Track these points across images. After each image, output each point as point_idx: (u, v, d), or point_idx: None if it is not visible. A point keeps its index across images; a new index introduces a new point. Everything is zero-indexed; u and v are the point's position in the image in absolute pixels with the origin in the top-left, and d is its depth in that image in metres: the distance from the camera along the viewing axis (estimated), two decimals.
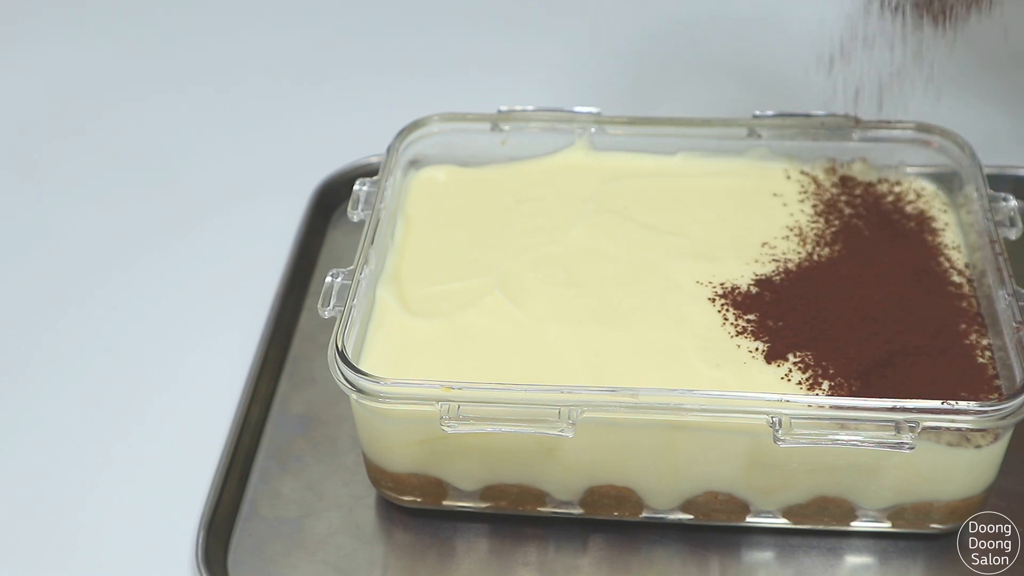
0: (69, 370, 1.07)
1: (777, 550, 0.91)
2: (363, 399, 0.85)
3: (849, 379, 0.87)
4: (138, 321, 1.11)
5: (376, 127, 1.12)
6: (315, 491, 0.96)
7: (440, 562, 0.91)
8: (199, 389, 1.04)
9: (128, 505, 0.96)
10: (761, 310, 0.93)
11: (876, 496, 0.88)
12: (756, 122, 1.05)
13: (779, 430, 0.82)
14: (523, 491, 0.91)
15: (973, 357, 0.89)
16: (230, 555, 0.92)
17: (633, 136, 1.06)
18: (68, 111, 1.36)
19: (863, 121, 1.04)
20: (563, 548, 0.91)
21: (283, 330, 1.07)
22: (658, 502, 0.90)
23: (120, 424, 1.02)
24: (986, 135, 1.08)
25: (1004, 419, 0.82)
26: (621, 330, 0.92)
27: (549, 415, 0.83)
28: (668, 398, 0.83)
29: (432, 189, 1.05)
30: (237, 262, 1.16)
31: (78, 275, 1.16)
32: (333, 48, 1.45)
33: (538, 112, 1.07)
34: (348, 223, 1.04)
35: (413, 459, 0.90)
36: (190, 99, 1.38)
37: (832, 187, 1.04)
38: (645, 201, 1.03)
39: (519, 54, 1.42)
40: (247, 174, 1.27)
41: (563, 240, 1.00)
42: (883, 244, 0.98)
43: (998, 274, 0.91)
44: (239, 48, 1.45)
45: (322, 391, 1.02)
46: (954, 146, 1.02)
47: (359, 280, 0.92)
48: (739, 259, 0.97)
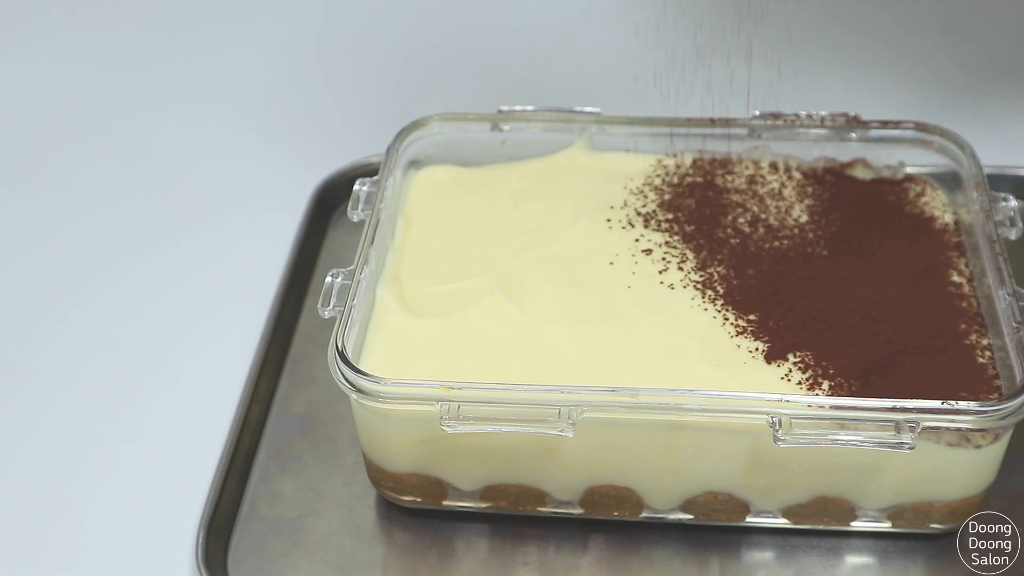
0: (70, 370, 1.07)
1: (777, 550, 0.91)
2: (363, 399, 0.85)
3: (849, 379, 0.87)
4: (138, 321, 1.11)
5: (376, 127, 1.12)
6: (315, 491, 0.96)
7: (440, 562, 0.91)
8: (199, 389, 1.04)
9: (128, 505, 0.96)
10: (761, 310, 0.93)
11: (876, 496, 0.88)
12: (756, 122, 1.05)
13: (779, 430, 0.82)
14: (523, 491, 0.91)
15: (973, 357, 0.89)
16: (230, 555, 0.92)
17: (633, 136, 1.06)
18: (68, 112, 1.36)
19: (863, 121, 1.04)
20: (563, 548, 0.91)
21: (283, 330, 1.07)
22: (658, 502, 0.90)
23: (120, 424, 1.02)
24: (986, 135, 1.08)
25: (1004, 419, 0.82)
26: (621, 330, 0.92)
27: (549, 415, 0.83)
28: (668, 398, 0.83)
29: (432, 189, 1.05)
30: (237, 262, 1.16)
31: (78, 275, 1.16)
32: (333, 48, 1.45)
33: (538, 112, 1.07)
34: (348, 223, 1.04)
35: (413, 459, 0.90)
36: (190, 99, 1.38)
37: (832, 187, 1.04)
38: (645, 201, 1.03)
39: (519, 54, 1.42)
40: (247, 174, 1.27)
41: (563, 240, 1.00)
42: (883, 244, 0.98)
43: (998, 274, 0.91)
44: (239, 48, 1.45)
45: (322, 391, 1.02)
46: (954, 146, 1.02)
47: (359, 280, 0.92)
48: (739, 259, 0.97)
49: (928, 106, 1.27)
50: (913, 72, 1.35)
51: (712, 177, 1.05)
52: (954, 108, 1.25)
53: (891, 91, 1.31)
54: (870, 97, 1.26)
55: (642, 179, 1.05)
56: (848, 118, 1.04)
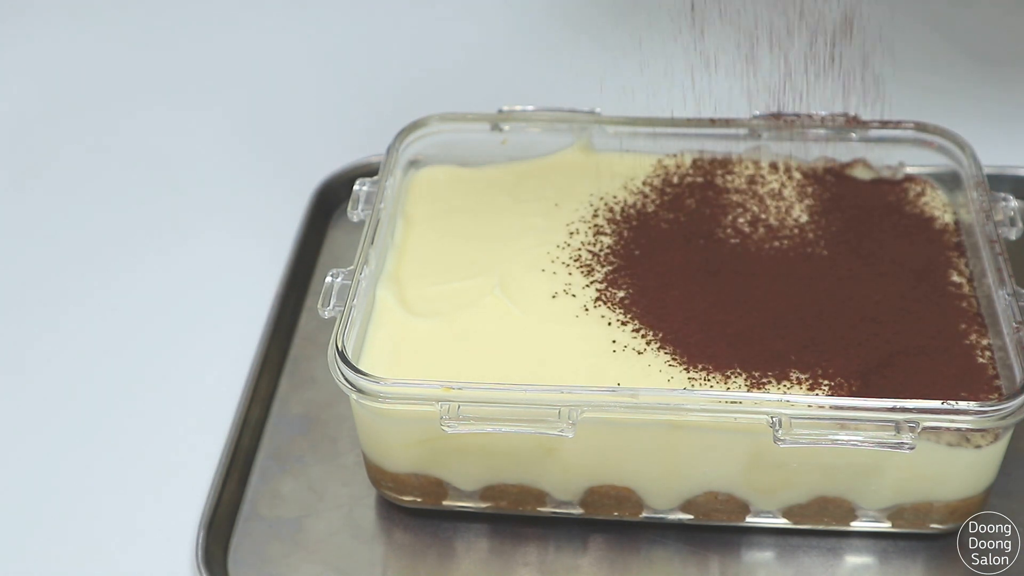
0: (69, 370, 1.07)
1: (777, 550, 0.91)
2: (363, 399, 0.85)
3: (849, 379, 0.87)
4: (138, 321, 1.11)
5: (376, 127, 1.12)
6: (315, 491, 0.96)
7: (440, 562, 0.91)
8: (199, 389, 1.04)
9: (128, 505, 0.96)
10: (761, 310, 0.93)
11: (876, 496, 0.88)
12: (756, 122, 1.05)
13: (779, 430, 0.82)
14: (523, 491, 0.91)
15: (973, 357, 0.89)
16: (230, 555, 0.92)
17: (633, 136, 1.06)
18: (68, 111, 1.36)
19: (863, 121, 1.04)
20: (563, 548, 0.91)
21: (283, 330, 1.07)
22: (658, 502, 0.90)
23: (120, 424, 1.02)
24: (986, 135, 1.08)
25: (1004, 419, 0.82)
26: (622, 329, 0.92)
27: (549, 415, 0.83)
28: (668, 398, 0.84)
29: (432, 189, 1.05)
30: (237, 262, 1.16)
31: (78, 275, 1.15)
32: (333, 48, 1.45)
33: (538, 112, 1.07)
34: (348, 223, 1.04)
35: (413, 459, 0.90)
36: (190, 99, 1.38)
37: (832, 187, 1.04)
38: (645, 201, 1.03)
39: (519, 54, 1.42)
40: (247, 174, 1.27)
41: (563, 240, 1.00)
42: (883, 244, 0.98)
43: (998, 274, 0.91)
44: (240, 48, 1.45)
45: (322, 391, 1.02)
46: (954, 146, 1.02)
47: (359, 280, 0.92)
48: (739, 259, 0.97)
49: (928, 106, 1.27)
50: (913, 72, 1.35)
51: (712, 177, 1.05)
52: (954, 108, 1.25)
53: (891, 91, 1.31)
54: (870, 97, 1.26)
55: (642, 179, 1.05)
56: (848, 118, 1.04)
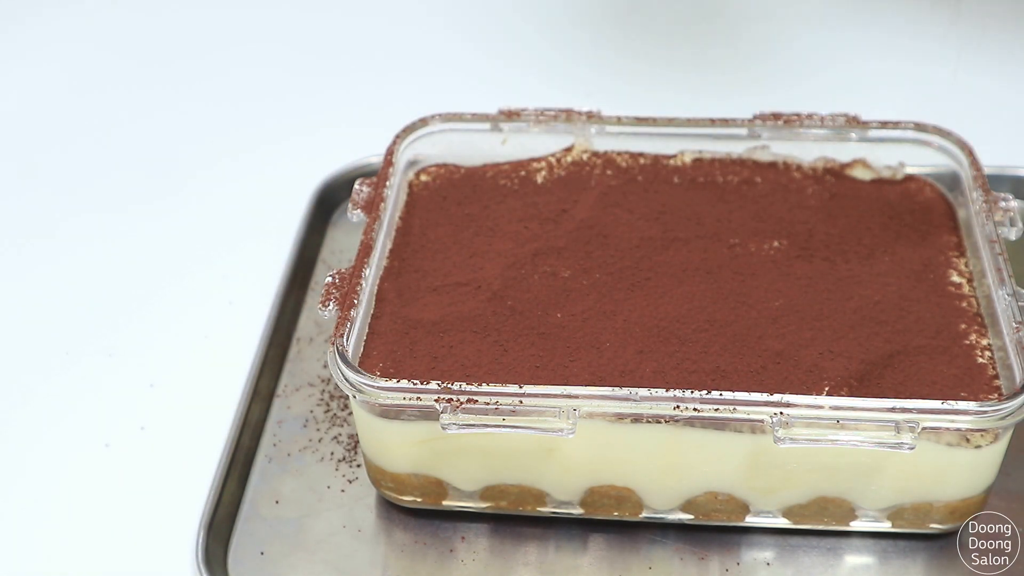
0: (69, 370, 1.07)
1: (777, 550, 0.91)
2: (363, 399, 0.85)
3: (849, 379, 0.87)
4: (138, 320, 1.11)
5: (376, 127, 1.12)
6: (315, 491, 0.96)
7: (440, 562, 0.91)
8: (199, 389, 1.04)
9: (128, 505, 0.96)
10: (761, 310, 0.93)
11: (876, 496, 0.88)
12: (756, 122, 1.05)
13: (779, 430, 0.82)
14: (523, 491, 0.91)
15: (973, 357, 0.89)
16: (230, 555, 0.92)
17: (633, 136, 1.07)
18: (69, 111, 1.36)
19: (863, 121, 1.04)
20: (563, 548, 0.91)
21: (283, 330, 1.07)
22: (658, 502, 0.90)
23: (120, 424, 1.02)
24: (986, 135, 1.08)
25: (1004, 419, 0.82)
26: (624, 328, 0.92)
27: (549, 415, 0.83)
28: (668, 398, 0.83)
29: (432, 189, 1.05)
30: (237, 262, 1.16)
31: (78, 275, 1.16)
32: (333, 48, 1.45)
33: (538, 112, 1.07)
34: (348, 223, 1.04)
35: (413, 459, 0.90)
36: (191, 99, 1.38)
37: (832, 187, 1.04)
38: (645, 200, 1.03)
39: (519, 54, 1.42)
40: (248, 174, 1.27)
41: (563, 239, 1.00)
42: (883, 244, 0.98)
43: (998, 274, 0.91)
44: (240, 48, 1.45)
45: (322, 391, 1.02)
46: (954, 146, 1.02)
47: (359, 280, 0.92)
48: (740, 259, 0.97)
49: (928, 106, 1.27)
50: (913, 72, 1.35)
51: (712, 177, 1.05)
52: (954, 108, 1.25)
53: (891, 91, 1.31)
54: (870, 97, 1.26)
55: (642, 179, 1.05)
56: (848, 118, 1.04)
